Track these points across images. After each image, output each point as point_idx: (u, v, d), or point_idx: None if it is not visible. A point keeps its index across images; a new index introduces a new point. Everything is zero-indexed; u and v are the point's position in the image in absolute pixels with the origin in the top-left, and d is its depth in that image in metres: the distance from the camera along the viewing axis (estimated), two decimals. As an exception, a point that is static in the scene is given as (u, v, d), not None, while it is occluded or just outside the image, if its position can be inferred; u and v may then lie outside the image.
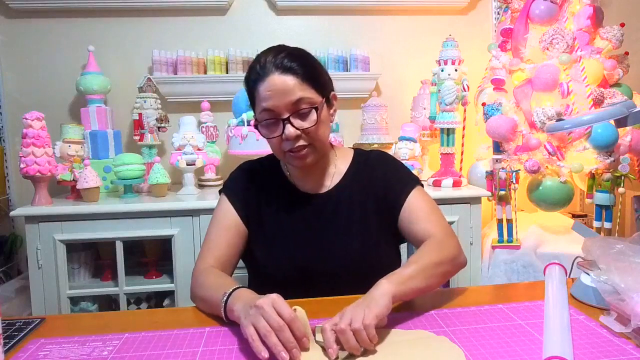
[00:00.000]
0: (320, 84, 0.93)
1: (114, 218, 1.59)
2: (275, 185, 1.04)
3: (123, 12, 2.13)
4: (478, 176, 1.93)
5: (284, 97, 0.87)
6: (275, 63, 0.89)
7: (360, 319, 0.67)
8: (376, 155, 1.08)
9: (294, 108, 0.88)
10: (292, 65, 0.89)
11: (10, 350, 0.72)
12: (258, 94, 0.90)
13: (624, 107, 0.87)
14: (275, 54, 0.90)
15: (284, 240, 0.99)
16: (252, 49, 2.13)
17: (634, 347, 0.66)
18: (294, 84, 0.88)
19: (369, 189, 1.01)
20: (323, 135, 0.94)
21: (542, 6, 1.82)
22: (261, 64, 0.90)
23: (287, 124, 0.88)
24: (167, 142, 2.04)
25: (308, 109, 0.89)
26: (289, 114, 0.88)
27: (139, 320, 0.82)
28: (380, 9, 2.26)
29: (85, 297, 1.71)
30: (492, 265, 1.75)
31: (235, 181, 1.07)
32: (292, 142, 0.90)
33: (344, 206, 1.00)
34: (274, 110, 0.89)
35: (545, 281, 0.88)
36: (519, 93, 1.84)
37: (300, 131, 0.89)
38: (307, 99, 0.89)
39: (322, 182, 1.03)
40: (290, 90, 0.87)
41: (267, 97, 0.88)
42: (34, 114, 1.59)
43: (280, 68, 0.88)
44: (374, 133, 2.01)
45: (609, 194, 1.69)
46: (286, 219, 1.00)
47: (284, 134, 0.89)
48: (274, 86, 0.88)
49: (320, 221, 0.99)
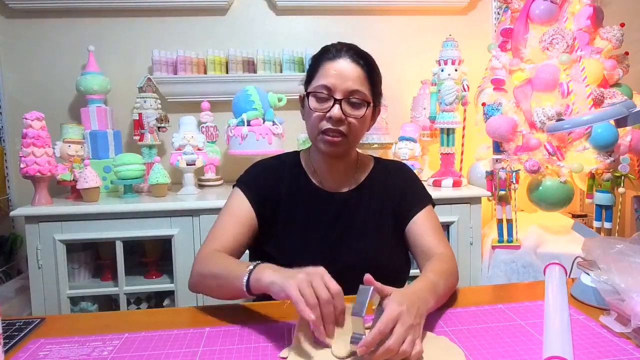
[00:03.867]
0: (376, 90, 1.01)
1: (114, 218, 1.59)
2: (295, 181, 1.04)
3: (123, 12, 2.13)
4: (478, 176, 1.94)
5: (346, 81, 0.93)
6: (349, 52, 0.96)
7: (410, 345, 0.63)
8: (396, 165, 1.13)
9: (349, 95, 0.93)
10: (362, 61, 0.96)
11: (10, 350, 0.72)
12: (323, 69, 0.95)
13: (624, 107, 0.87)
14: (351, 46, 0.99)
15: (298, 236, 1.00)
16: (252, 49, 2.13)
17: (634, 347, 0.66)
18: (358, 75, 0.94)
19: (387, 195, 1.05)
20: (359, 133, 0.98)
21: (542, 6, 1.82)
22: (336, 47, 0.98)
23: (337, 104, 0.93)
24: (167, 142, 2.04)
25: (360, 101, 0.95)
26: (342, 97, 0.93)
27: (139, 320, 0.82)
28: (380, 9, 2.26)
29: (85, 297, 1.71)
30: (492, 265, 1.75)
31: (252, 176, 1.06)
32: (333, 122, 0.93)
33: (362, 207, 1.03)
34: (332, 88, 0.93)
35: (545, 281, 0.88)
36: (519, 93, 1.84)
37: (344, 117, 0.93)
38: (363, 93, 0.95)
39: (343, 182, 1.05)
40: (353, 79, 0.94)
41: (331, 75, 0.94)
42: (34, 114, 1.59)
43: (352, 57, 0.96)
44: (374, 133, 2.00)
45: (609, 194, 1.69)
46: (305, 217, 1.01)
47: (330, 113, 0.93)
48: (342, 68, 0.94)
49: (338, 220, 1.01)
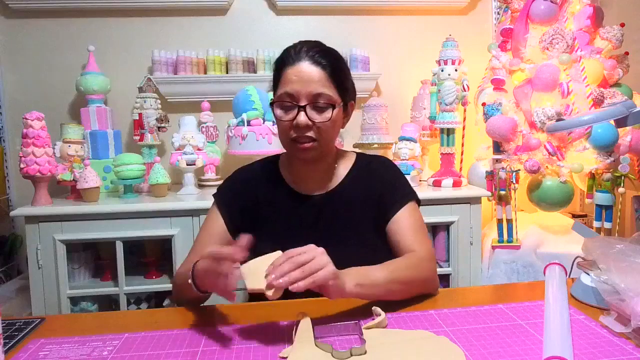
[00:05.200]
0: (344, 87, 0.96)
1: (114, 218, 1.59)
2: (271, 188, 1.04)
3: (123, 12, 2.13)
4: (478, 176, 1.93)
5: (308, 85, 0.90)
6: (309, 53, 0.92)
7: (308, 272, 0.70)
8: (379, 161, 1.09)
9: (313, 99, 0.91)
10: (324, 61, 0.92)
11: (10, 350, 0.72)
12: (285, 75, 0.93)
13: (624, 107, 0.87)
14: (311, 46, 0.94)
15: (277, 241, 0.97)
16: (252, 49, 2.13)
17: (634, 347, 0.66)
18: (320, 77, 0.91)
19: (368, 192, 1.02)
20: (330, 136, 0.96)
21: (542, 6, 1.82)
22: (296, 49, 0.94)
23: (302, 111, 0.91)
24: (167, 142, 2.04)
25: (325, 104, 0.92)
26: (306, 102, 0.91)
27: (139, 320, 0.82)
28: (380, 9, 2.26)
29: (85, 297, 1.71)
30: (492, 265, 1.75)
31: (226, 189, 1.08)
32: (300, 130, 0.92)
33: (342, 208, 1.01)
34: (295, 95, 0.91)
35: (545, 281, 0.88)
36: (519, 93, 1.84)
37: (311, 123, 0.91)
38: (328, 95, 0.92)
39: (322, 184, 1.03)
40: (314, 82, 0.91)
41: (292, 81, 0.91)
42: (34, 114, 1.59)
43: (312, 59, 0.92)
44: (374, 133, 2.00)
45: (609, 194, 1.69)
46: (283, 221, 1.01)
47: (296, 121, 0.91)
48: (302, 73, 0.91)
49: (318, 222, 1.00)
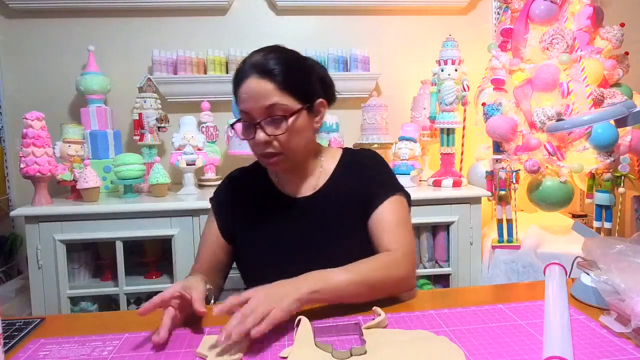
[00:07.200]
0: (302, 91, 0.91)
1: (114, 218, 1.59)
2: (260, 191, 1.04)
3: (123, 12, 2.13)
4: (478, 176, 1.93)
5: (258, 101, 0.87)
6: (256, 66, 0.88)
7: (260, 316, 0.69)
8: (364, 155, 1.06)
9: (267, 113, 0.88)
10: (274, 69, 0.88)
11: (10, 350, 0.72)
12: (238, 94, 0.91)
13: (624, 107, 0.87)
14: (260, 56, 0.90)
15: (270, 246, 0.99)
16: (252, 49, 2.08)
17: (634, 347, 0.66)
18: (269, 89, 0.87)
19: (354, 188, 0.99)
20: (296, 145, 0.92)
21: (542, 6, 1.82)
22: (243, 67, 0.90)
23: (258, 128, 0.88)
24: (167, 142, 2.05)
25: (281, 116, 0.88)
26: (261, 118, 0.88)
27: (139, 320, 0.81)
28: (380, 9, 2.26)
29: (85, 297, 1.71)
30: (492, 265, 1.75)
31: (220, 193, 1.09)
32: (261, 147, 0.90)
33: (330, 207, 0.99)
34: (249, 113, 0.89)
35: (545, 281, 0.88)
36: (519, 93, 1.84)
37: (271, 137, 0.89)
38: (282, 105, 0.88)
39: (308, 185, 1.01)
40: (264, 95, 0.87)
41: (243, 100, 0.89)
42: (34, 114, 1.59)
43: (259, 71, 0.87)
44: (374, 133, 2.01)
45: (609, 194, 1.69)
46: (272, 224, 1.00)
47: (254, 139, 0.89)
48: (250, 90, 0.87)
49: (307, 224, 0.98)
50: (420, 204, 1.72)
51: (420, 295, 0.90)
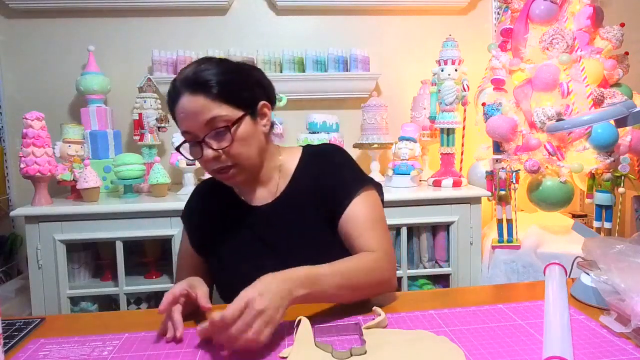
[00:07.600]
0: (240, 97, 0.87)
1: (114, 218, 1.59)
2: (224, 203, 1.02)
3: (123, 12, 2.12)
4: (478, 176, 1.93)
5: (196, 118, 0.84)
6: (186, 82, 0.85)
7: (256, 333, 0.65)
8: (323, 151, 1.00)
9: (209, 128, 0.84)
10: (206, 81, 0.84)
11: (10, 350, 0.72)
12: (176, 115, 0.88)
13: (624, 107, 0.87)
14: (189, 71, 0.86)
15: (237, 257, 0.98)
16: (252, 49, 2.13)
17: (634, 347, 0.66)
18: (204, 104, 0.83)
19: (316, 189, 0.94)
20: (247, 153, 0.89)
21: (542, 6, 1.82)
22: (175, 85, 0.86)
23: (204, 145, 0.85)
24: (167, 142, 2.04)
25: (223, 128, 0.85)
26: (203, 135, 0.85)
27: (139, 320, 0.82)
28: (380, 9, 2.25)
29: (85, 297, 1.71)
30: (492, 265, 1.75)
31: (187, 206, 1.09)
32: (212, 164, 0.87)
33: (291, 213, 0.95)
34: (190, 132, 0.86)
35: (545, 281, 0.88)
36: (519, 93, 1.84)
37: (219, 152, 0.86)
38: (222, 116, 0.84)
39: (267, 192, 0.98)
40: (201, 111, 0.83)
41: (181, 119, 0.86)
42: (34, 114, 1.59)
43: (191, 87, 0.84)
44: (374, 133, 2.01)
45: (609, 194, 1.69)
46: (238, 236, 0.99)
47: (202, 157, 0.86)
48: (185, 108, 0.84)
49: (269, 232, 0.96)
50: (420, 204, 1.72)
51: (420, 295, 0.90)
